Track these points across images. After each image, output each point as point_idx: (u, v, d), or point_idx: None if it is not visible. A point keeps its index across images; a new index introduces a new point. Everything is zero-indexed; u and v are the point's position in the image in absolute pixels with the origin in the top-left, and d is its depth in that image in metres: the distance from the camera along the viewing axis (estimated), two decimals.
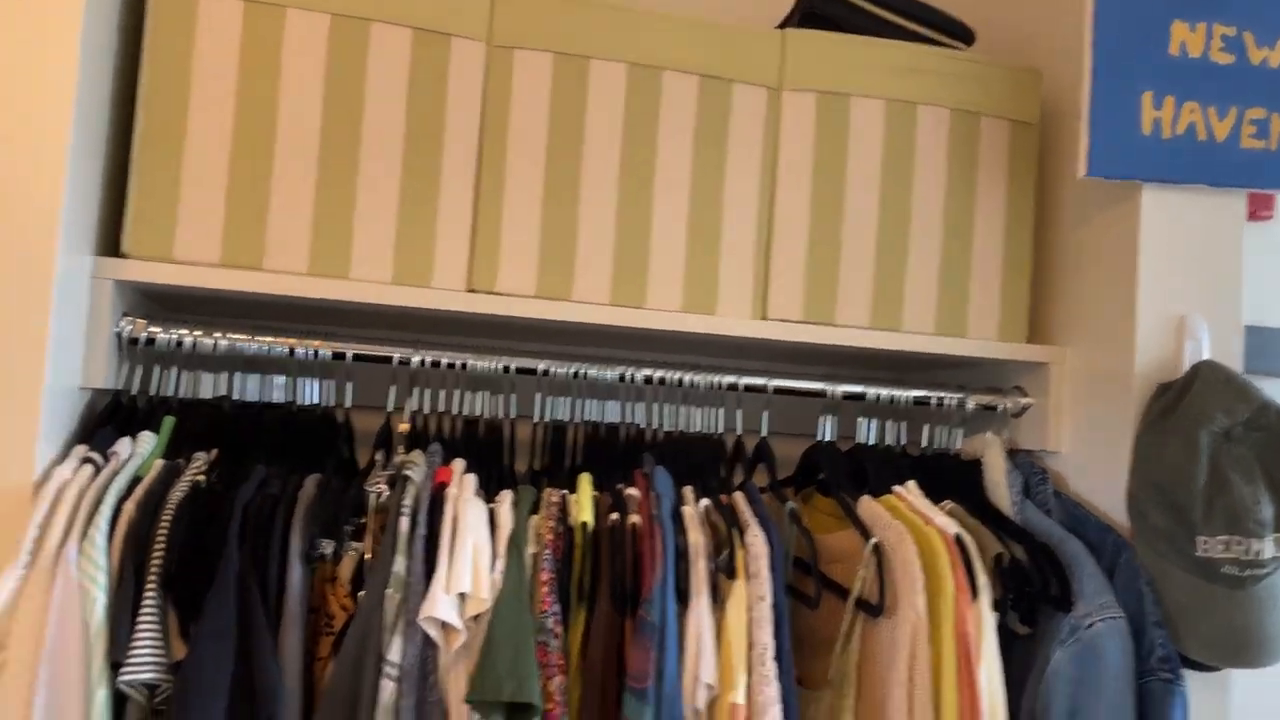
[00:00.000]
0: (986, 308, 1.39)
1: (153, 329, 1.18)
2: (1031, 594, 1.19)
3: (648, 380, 1.33)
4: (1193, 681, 1.15)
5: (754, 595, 1.13)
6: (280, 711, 1.00)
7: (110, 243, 1.16)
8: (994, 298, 1.39)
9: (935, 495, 1.29)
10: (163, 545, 1.00)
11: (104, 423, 1.16)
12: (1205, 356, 1.22)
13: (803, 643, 1.22)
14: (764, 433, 1.37)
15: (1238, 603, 1.13)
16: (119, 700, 0.96)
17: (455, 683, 1.06)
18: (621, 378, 1.32)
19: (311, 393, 1.26)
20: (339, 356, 1.24)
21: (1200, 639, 1.13)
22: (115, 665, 0.95)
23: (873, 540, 1.20)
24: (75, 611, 0.95)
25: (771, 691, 1.09)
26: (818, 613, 1.28)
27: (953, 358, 1.39)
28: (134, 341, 1.18)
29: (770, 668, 1.10)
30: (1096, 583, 1.17)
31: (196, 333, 1.19)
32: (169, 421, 1.17)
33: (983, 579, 1.17)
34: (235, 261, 1.17)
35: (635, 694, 1.06)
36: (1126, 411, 1.26)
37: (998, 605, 1.17)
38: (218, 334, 1.20)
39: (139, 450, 1.11)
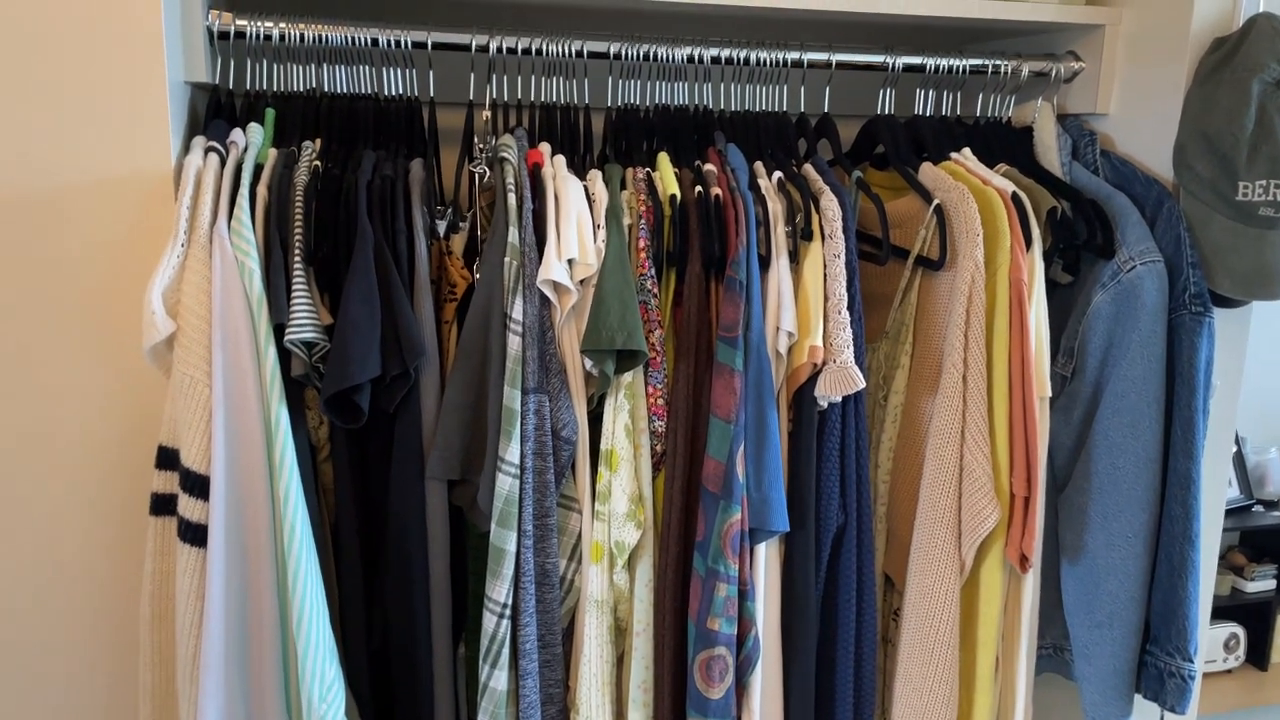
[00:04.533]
0: None
1: (239, 22, 1.21)
2: (1079, 244, 1.30)
3: (715, 60, 1.36)
4: (1218, 315, 1.29)
5: (829, 254, 1.24)
6: (425, 363, 1.14)
7: None
8: None
9: (989, 161, 1.37)
10: (300, 223, 1.09)
11: (212, 118, 1.21)
12: (1262, 9, 1.26)
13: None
14: (826, 108, 1.42)
15: (1270, 242, 1.24)
16: (284, 357, 1.08)
17: (569, 338, 1.19)
18: (690, 58, 1.35)
19: (397, 83, 1.30)
20: (420, 45, 1.27)
21: (1233, 276, 1.26)
22: (278, 327, 1.07)
23: (935, 201, 1.29)
24: (236, 282, 1.05)
25: (847, 335, 1.22)
26: (875, 274, 1.40)
27: (1009, 24, 1.42)
28: (224, 36, 1.20)
29: (845, 316, 1.23)
30: (1139, 231, 1.28)
31: (282, 24, 1.22)
32: (271, 113, 1.23)
33: (1036, 231, 1.27)
34: None
35: (727, 341, 1.19)
36: (1179, 69, 1.31)
37: (1047, 256, 1.29)
38: (302, 25, 1.22)
39: (252, 140, 1.17)
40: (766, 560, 1.24)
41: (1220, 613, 2.11)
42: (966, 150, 1.38)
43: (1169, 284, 1.27)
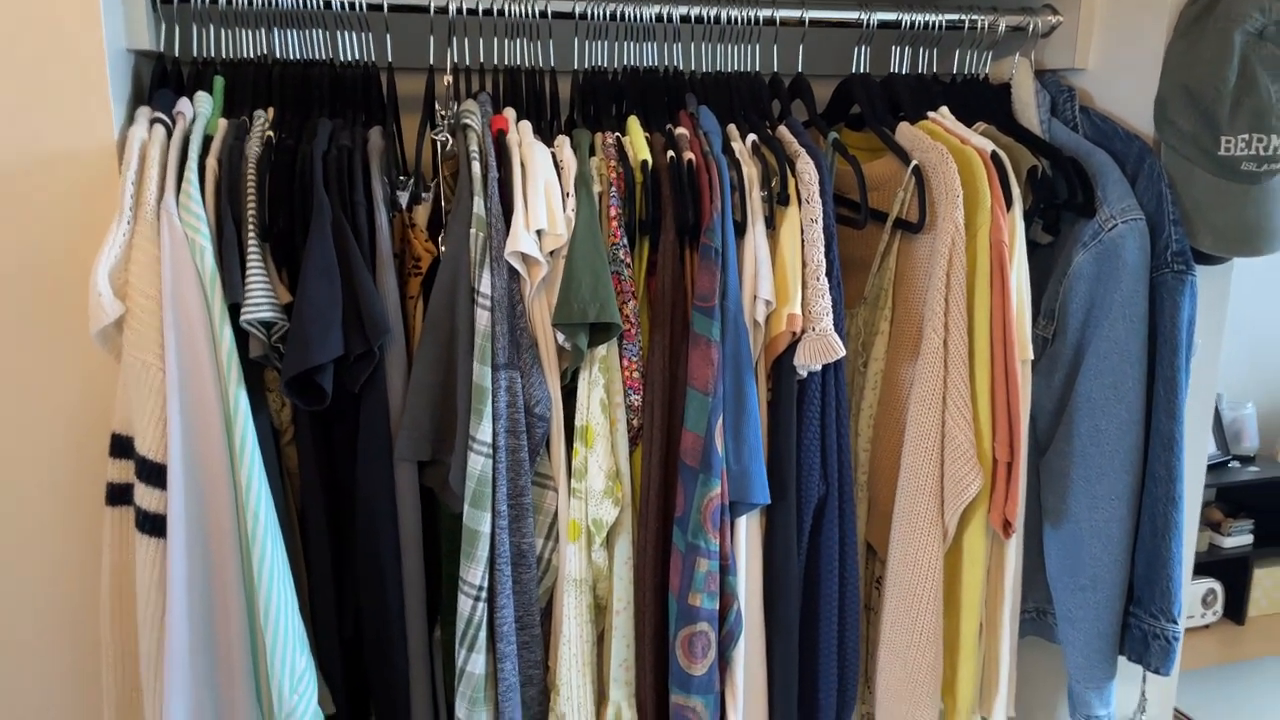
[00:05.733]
0: None
1: None
2: (1059, 204, 1.27)
3: (685, 19, 1.32)
4: (1200, 273, 1.26)
5: (806, 218, 1.20)
6: (389, 341, 1.09)
7: None
8: None
9: (967, 119, 1.34)
10: (254, 196, 1.04)
11: (157, 87, 1.15)
12: None
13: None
14: (800, 68, 1.38)
15: (1252, 197, 1.22)
16: (241, 338, 1.04)
17: (540, 311, 1.15)
18: (658, 17, 1.31)
19: (352, 48, 1.25)
20: (376, 7, 1.21)
21: (1215, 232, 1.23)
22: (233, 307, 1.02)
23: (913, 162, 1.25)
24: (186, 259, 1.00)
25: (825, 302, 1.19)
26: (852, 238, 1.37)
27: None
28: (168, 0, 1.14)
29: (823, 282, 1.19)
30: (1120, 189, 1.25)
31: None
32: (219, 81, 1.17)
33: (1016, 191, 1.24)
34: None
35: (703, 311, 1.16)
36: (1159, 21, 1.28)
37: (1027, 216, 1.26)
38: None
39: (200, 110, 1.11)
40: (747, 533, 1.22)
41: (1198, 568, 2.11)
42: (944, 109, 1.35)
43: (1150, 242, 1.25)
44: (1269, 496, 2.20)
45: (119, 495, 1.05)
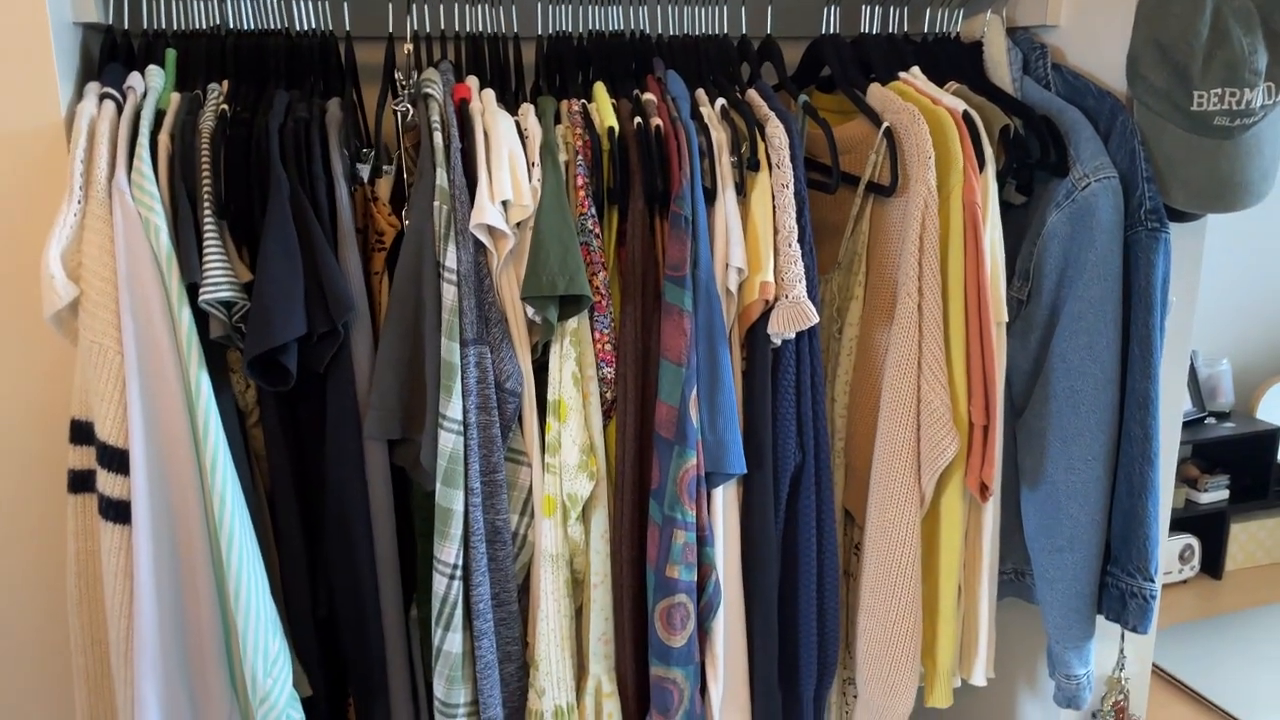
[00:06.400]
0: None
1: None
2: (1032, 163, 1.26)
3: None
4: (1173, 230, 1.25)
5: (777, 184, 1.18)
6: (354, 318, 1.07)
7: None
8: None
9: (939, 79, 1.32)
10: (209, 172, 1.01)
11: (106, 62, 1.12)
12: None
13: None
14: (769, 30, 1.35)
15: (1225, 152, 1.21)
16: (201, 318, 1.01)
17: (508, 285, 1.13)
18: None
19: (308, 16, 1.21)
20: None
21: (1188, 189, 1.22)
22: (191, 287, 1.00)
23: (885, 124, 1.24)
24: (140, 239, 0.97)
25: (798, 269, 1.17)
26: (825, 203, 1.35)
27: None
28: None
29: (796, 249, 1.18)
30: (1093, 147, 1.24)
31: None
32: (171, 54, 1.13)
33: (989, 151, 1.23)
34: None
35: (674, 281, 1.14)
36: None
37: (1000, 176, 1.25)
38: None
39: (151, 85, 1.08)
40: (724, 503, 1.21)
41: (1175, 525, 2.13)
42: (915, 69, 1.33)
43: (1124, 200, 1.23)
44: (1245, 452, 2.21)
45: (81, 482, 1.03)
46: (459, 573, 1.09)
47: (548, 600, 1.17)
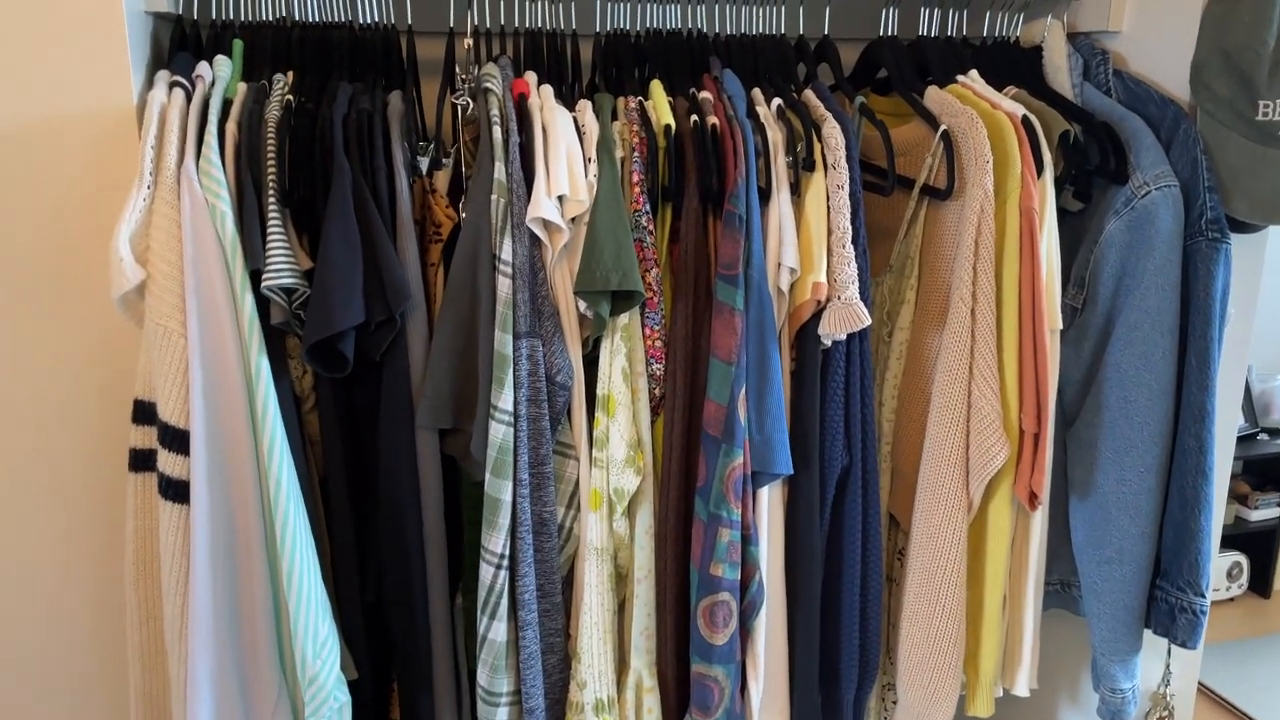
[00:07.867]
0: None
1: None
2: (1091, 170, 1.25)
3: None
4: (1234, 242, 1.23)
5: (832, 185, 1.18)
6: (411, 307, 1.09)
7: None
8: None
9: (997, 83, 1.31)
10: (274, 161, 1.03)
11: (175, 51, 1.14)
12: None
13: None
14: (826, 31, 1.35)
15: None
16: (262, 304, 1.03)
17: (561, 279, 1.14)
18: None
19: (371, 10, 1.23)
20: None
21: (1251, 199, 1.20)
22: (254, 273, 1.02)
23: (942, 127, 1.23)
24: (207, 224, 0.99)
25: (851, 270, 1.17)
26: (879, 205, 1.35)
27: None
28: None
29: (849, 250, 1.17)
30: (1153, 155, 1.22)
31: None
32: (239, 45, 1.16)
33: (1047, 156, 1.21)
34: None
35: (727, 279, 1.14)
36: None
37: (1058, 182, 1.23)
38: None
39: (219, 74, 1.10)
40: (770, 503, 1.21)
41: (1224, 541, 2.08)
42: (974, 72, 1.32)
43: (1185, 209, 1.22)
44: None
45: (142, 461, 1.06)
46: (505, 562, 1.10)
47: (591, 593, 1.18)
